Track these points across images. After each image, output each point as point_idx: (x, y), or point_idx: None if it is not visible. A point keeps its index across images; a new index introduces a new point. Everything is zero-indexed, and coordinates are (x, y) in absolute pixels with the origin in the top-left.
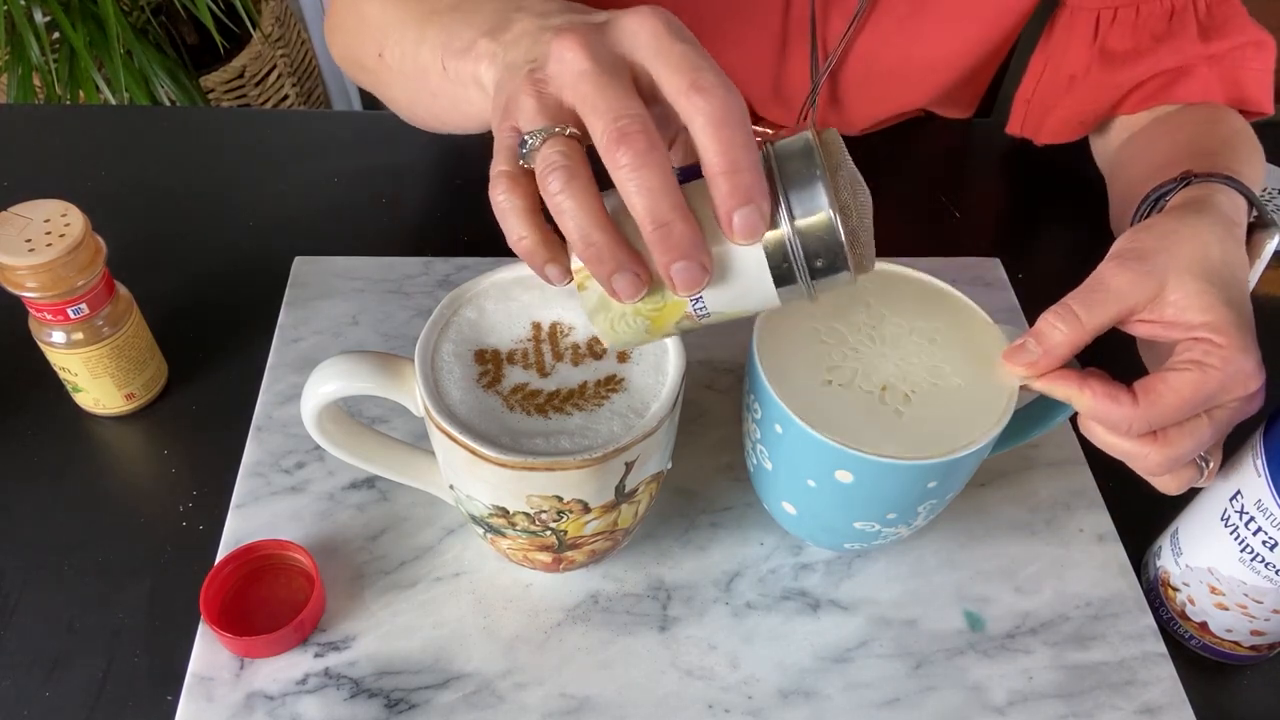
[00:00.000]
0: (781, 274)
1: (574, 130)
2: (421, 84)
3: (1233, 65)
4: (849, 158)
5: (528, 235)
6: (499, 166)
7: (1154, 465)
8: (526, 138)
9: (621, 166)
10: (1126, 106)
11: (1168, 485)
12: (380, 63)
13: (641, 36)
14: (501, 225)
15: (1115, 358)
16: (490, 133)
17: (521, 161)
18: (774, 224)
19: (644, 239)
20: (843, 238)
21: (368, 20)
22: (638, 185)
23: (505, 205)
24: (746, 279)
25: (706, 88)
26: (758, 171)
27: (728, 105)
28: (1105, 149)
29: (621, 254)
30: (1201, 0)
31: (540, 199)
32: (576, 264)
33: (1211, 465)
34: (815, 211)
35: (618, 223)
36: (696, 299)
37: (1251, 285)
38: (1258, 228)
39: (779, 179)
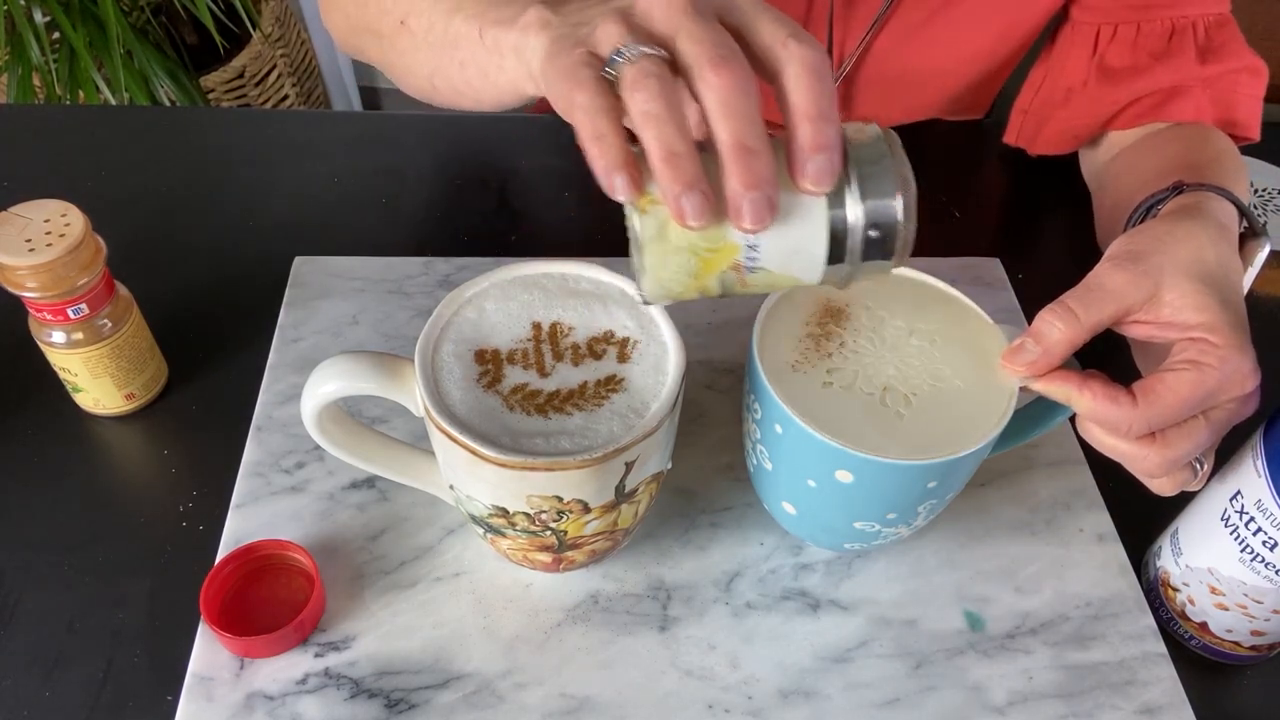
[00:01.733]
0: (836, 245)
1: (667, 55)
2: (450, 53)
3: (1226, 89)
4: (906, 158)
5: (608, 133)
6: (584, 72)
7: (1152, 466)
8: (621, 49)
9: (715, 88)
10: (1120, 122)
11: (1163, 487)
12: (402, 30)
13: None
14: (579, 125)
15: (1112, 361)
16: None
17: (608, 72)
18: (839, 199)
19: (724, 165)
20: (901, 224)
21: None
22: (730, 109)
23: (588, 103)
24: (802, 237)
25: (805, 40)
26: (839, 127)
27: (822, 59)
28: (1093, 163)
29: (699, 172)
30: (1201, 23)
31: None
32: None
33: (1205, 468)
34: (882, 194)
35: None
36: (750, 247)
37: (1244, 293)
38: (1248, 237)
39: (850, 158)
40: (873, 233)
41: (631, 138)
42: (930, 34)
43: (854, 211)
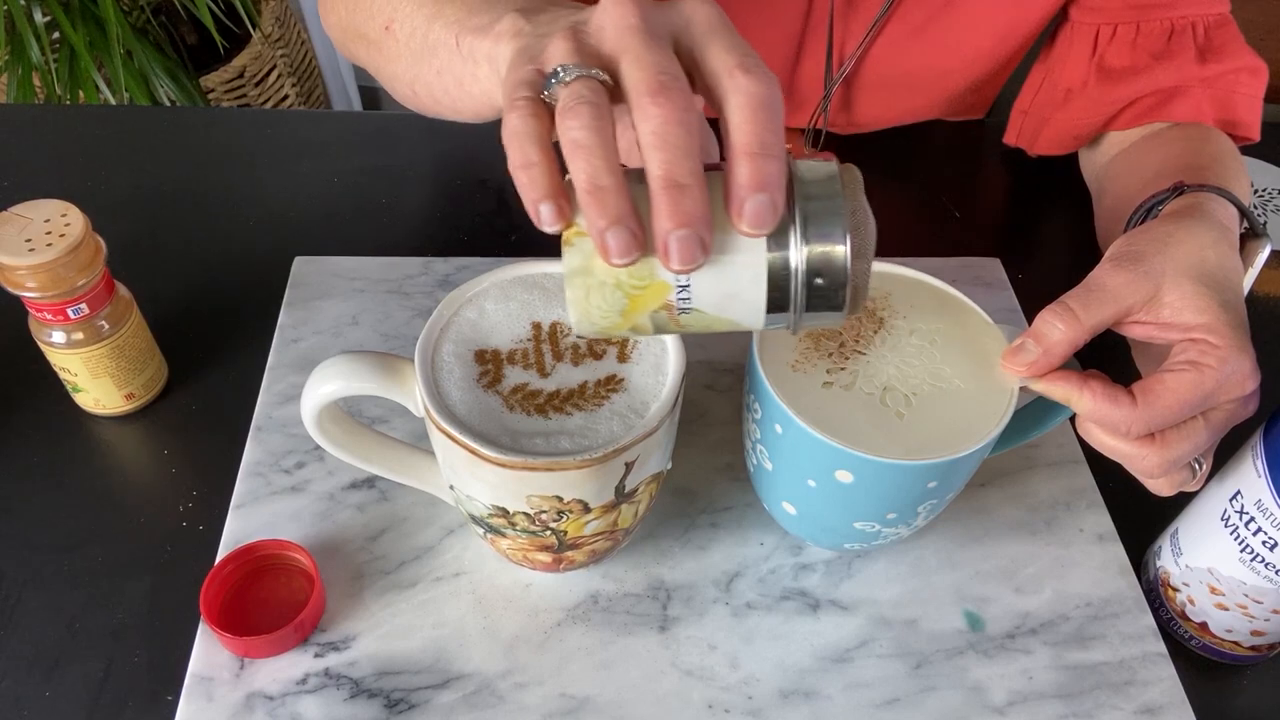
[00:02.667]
0: (776, 291)
1: (607, 78)
2: (428, 60)
3: (1226, 89)
4: (864, 196)
5: (537, 162)
6: (520, 93)
7: (1151, 467)
8: (558, 69)
9: (652, 118)
10: (1120, 123)
11: (1161, 487)
12: (387, 35)
13: (698, 16)
14: (509, 150)
15: (1112, 361)
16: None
17: (545, 95)
18: (782, 241)
19: (652, 201)
20: (849, 275)
21: None
22: (663, 141)
23: (520, 128)
24: (738, 280)
25: (753, 70)
26: (783, 164)
27: (770, 91)
28: (1093, 164)
29: (625, 207)
30: (1201, 23)
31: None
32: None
33: (1203, 468)
34: (827, 238)
35: None
36: (682, 287)
37: (1244, 294)
38: (1249, 238)
39: (798, 199)
40: (818, 280)
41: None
42: (930, 35)
43: (795, 256)
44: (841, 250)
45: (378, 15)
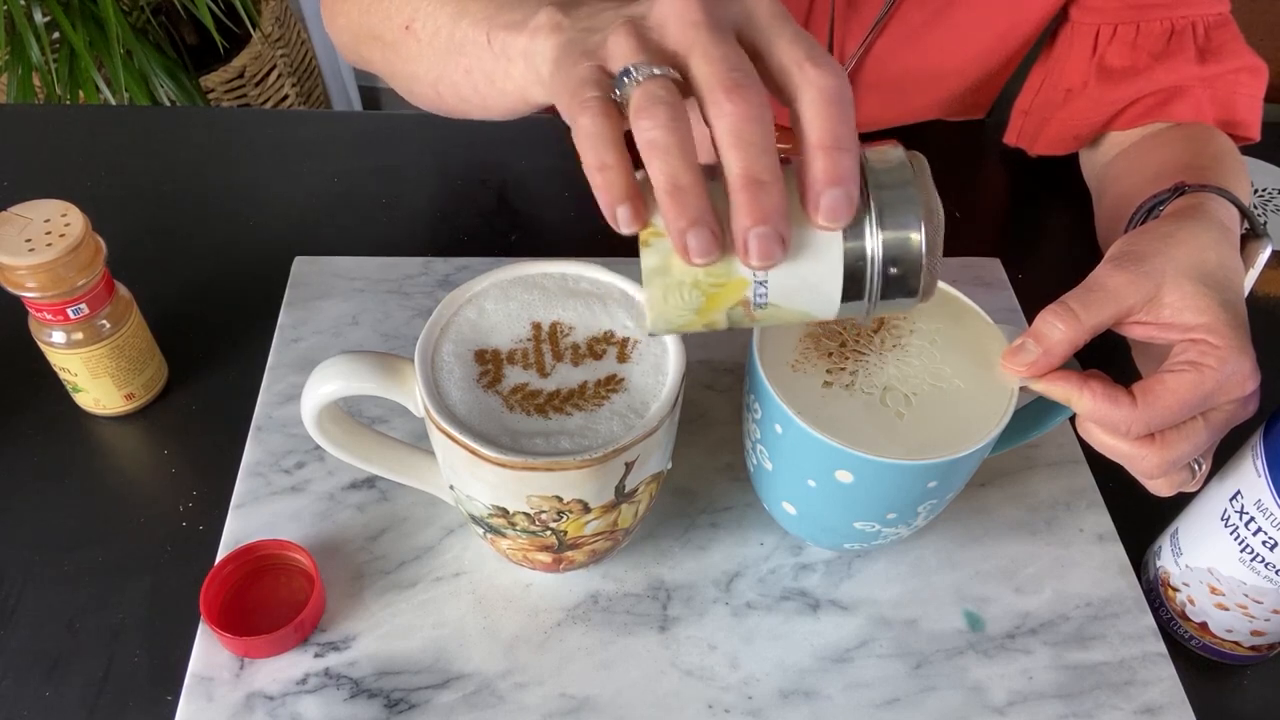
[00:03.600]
0: (852, 280)
1: (678, 75)
2: (455, 59)
3: (1226, 89)
4: (932, 182)
5: (613, 164)
6: (590, 92)
7: (1151, 467)
8: (630, 68)
9: (727, 115)
10: (1120, 123)
11: (1160, 487)
12: (407, 35)
13: (760, 9)
14: (583, 151)
15: (1112, 361)
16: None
17: (616, 94)
18: (857, 231)
19: (732, 198)
20: (924, 260)
21: None
22: (741, 139)
23: (593, 129)
24: (815, 273)
25: (822, 63)
26: (857, 157)
27: (841, 84)
28: (1094, 164)
29: (705, 207)
30: (1201, 23)
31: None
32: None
33: (1203, 469)
34: (903, 226)
35: None
36: (759, 283)
37: (1245, 294)
38: (1250, 238)
39: (871, 187)
40: (892, 269)
41: (636, 160)
42: (931, 35)
43: (871, 245)
44: (916, 237)
45: (395, 16)
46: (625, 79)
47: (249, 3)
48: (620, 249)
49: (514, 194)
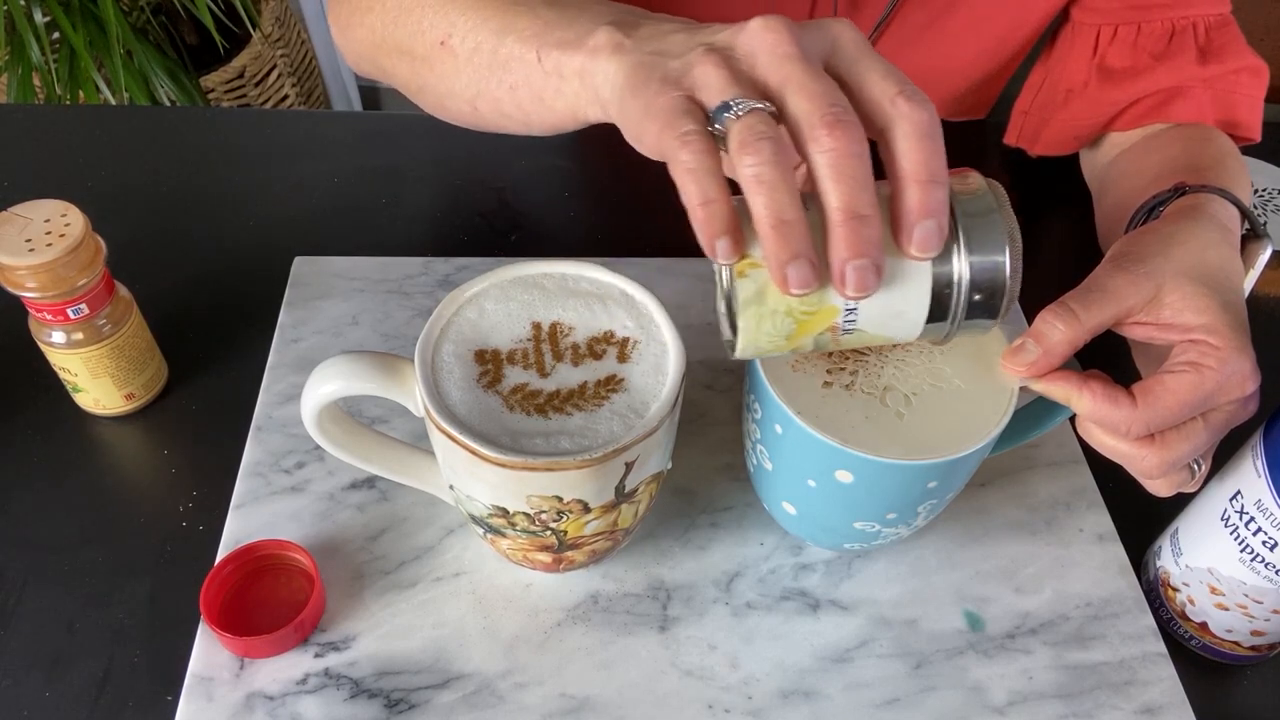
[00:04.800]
0: (939, 305)
1: (775, 109)
2: (499, 76)
3: (1227, 89)
4: (1012, 211)
5: (717, 199)
6: (687, 125)
7: (1151, 468)
8: (730, 102)
9: (828, 150)
10: (1120, 123)
11: (1160, 488)
12: (443, 50)
13: (844, 39)
14: (685, 187)
15: (1112, 361)
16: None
17: (714, 127)
18: (945, 257)
19: (831, 230)
20: (1008, 284)
21: (426, 4)
22: (842, 173)
23: (697, 165)
24: (904, 300)
25: (915, 98)
26: (947, 189)
27: (933, 118)
28: (1094, 164)
29: (807, 241)
30: (1202, 24)
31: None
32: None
33: (1202, 469)
34: (991, 253)
35: None
36: (850, 310)
37: (1245, 295)
38: (1250, 239)
39: (957, 212)
40: (977, 294)
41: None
42: (933, 36)
43: (959, 270)
44: (1002, 261)
45: (429, 30)
46: (725, 114)
47: (249, 3)
48: (620, 249)
49: (514, 194)
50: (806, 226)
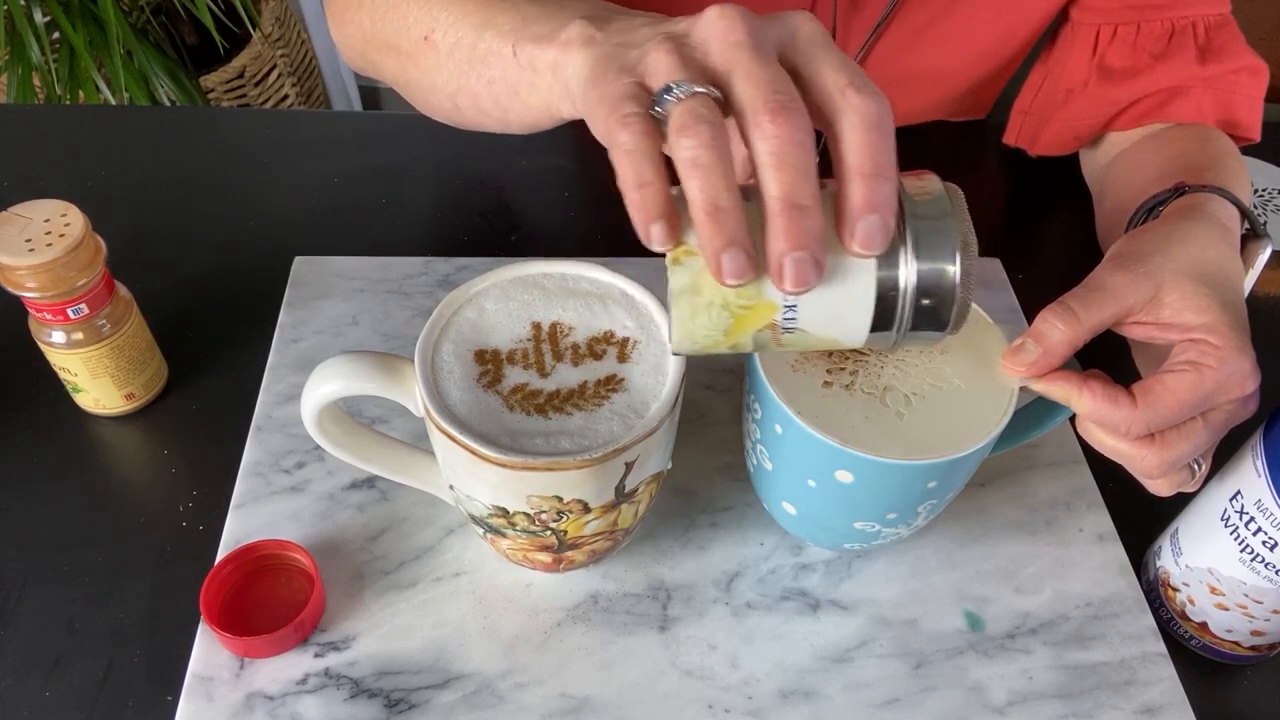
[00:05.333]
0: (883, 308)
1: (719, 94)
2: (478, 71)
3: (1226, 89)
4: (969, 217)
5: (651, 180)
6: (629, 108)
7: (1150, 468)
8: (671, 85)
9: (770, 137)
10: (1120, 123)
11: (1160, 488)
12: (426, 46)
13: (804, 32)
14: (621, 167)
15: (1112, 361)
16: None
17: (656, 109)
18: (891, 261)
19: (770, 220)
20: (957, 294)
21: (412, 0)
22: (784, 160)
23: (633, 145)
24: (846, 300)
25: (865, 90)
26: (894, 185)
27: (883, 111)
28: (1094, 164)
29: (742, 229)
30: (1201, 23)
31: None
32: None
33: (1202, 469)
34: (939, 258)
35: None
36: (789, 307)
37: (1245, 294)
38: (1249, 239)
39: (907, 218)
40: (925, 300)
41: (670, 176)
42: (933, 36)
43: (905, 275)
44: (951, 270)
45: (413, 26)
46: (667, 96)
47: (249, 3)
48: (620, 249)
49: (514, 194)
50: (743, 213)
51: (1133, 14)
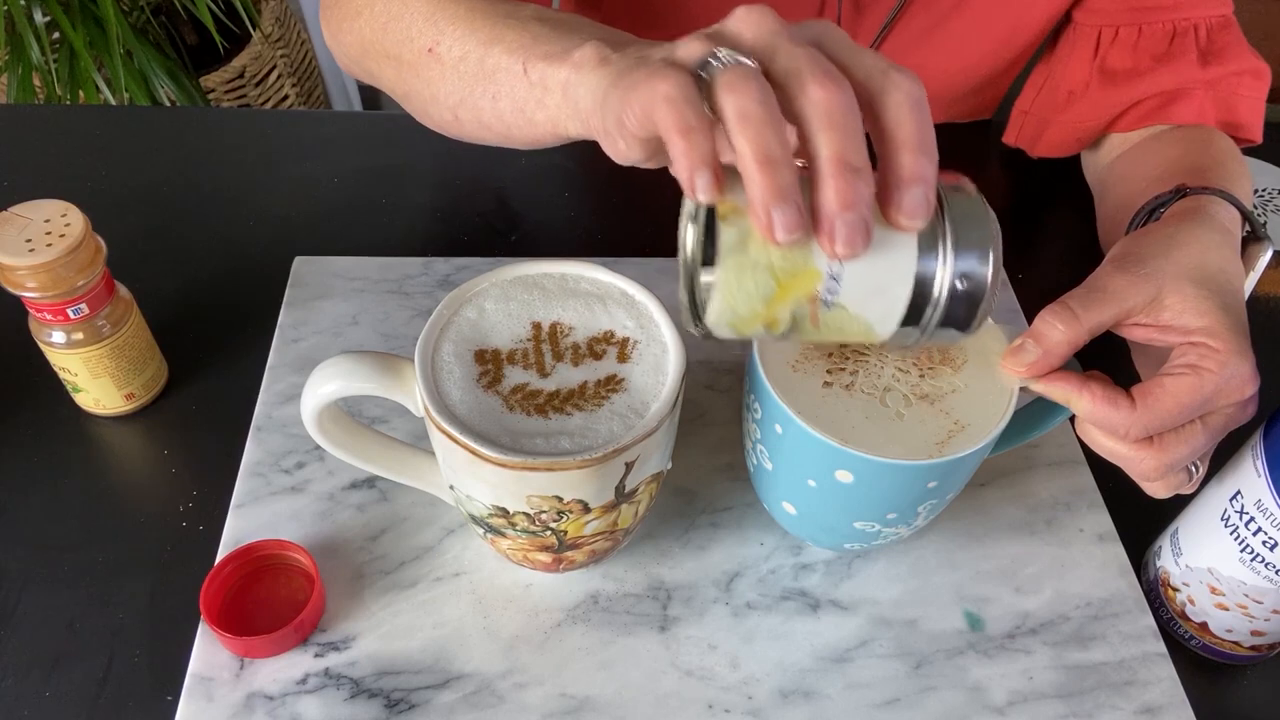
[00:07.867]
0: (919, 294)
1: (759, 66)
2: (483, 86)
3: (1228, 91)
4: (999, 226)
5: (699, 128)
6: (668, 69)
7: (1149, 470)
8: (715, 53)
9: (819, 100)
10: (1121, 125)
11: (1157, 490)
12: (430, 58)
13: (831, 33)
14: (663, 116)
15: (1112, 363)
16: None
17: (701, 74)
18: (929, 242)
19: (821, 181)
20: (989, 281)
21: (416, 11)
22: (834, 122)
23: (677, 94)
24: (888, 274)
25: (908, 72)
26: (936, 163)
27: (924, 93)
28: (1095, 165)
29: (794, 182)
30: (1203, 25)
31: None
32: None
33: (1199, 471)
34: (977, 246)
35: None
36: (833, 278)
37: (1245, 297)
38: (1251, 241)
39: (947, 213)
40: (959, 283)
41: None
42: (937, 38)
43: (945, 262)
44: (987, 265)
45: (417, 38)
46: (712, 62)
47: (249, 3)
48: (620, 249)
49: (514, 194)
50: (794, 168)
51: (1134, 16)
